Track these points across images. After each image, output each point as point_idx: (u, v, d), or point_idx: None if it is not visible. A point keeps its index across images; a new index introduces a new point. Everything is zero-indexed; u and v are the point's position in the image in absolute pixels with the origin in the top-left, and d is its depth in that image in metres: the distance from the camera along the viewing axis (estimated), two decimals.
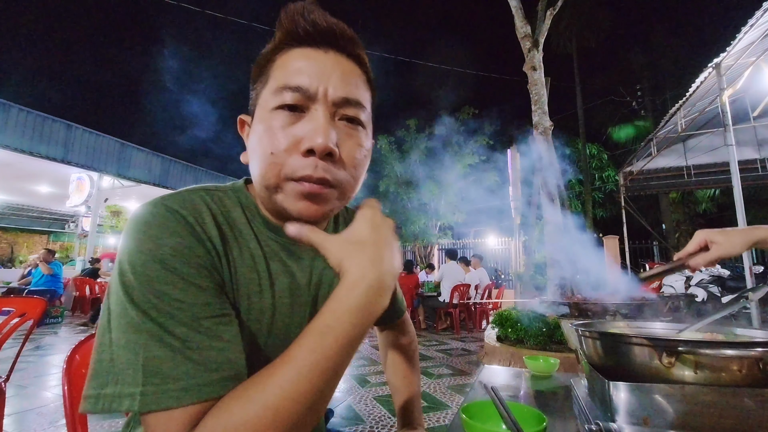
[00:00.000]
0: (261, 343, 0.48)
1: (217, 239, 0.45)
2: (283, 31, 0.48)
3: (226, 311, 0.42)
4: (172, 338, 0.37)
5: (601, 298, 2.18)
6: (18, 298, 1.72)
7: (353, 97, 0.47)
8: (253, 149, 0.48)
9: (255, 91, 0.51)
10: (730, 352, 0.50)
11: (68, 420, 0.66)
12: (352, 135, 0.48)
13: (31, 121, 7.67)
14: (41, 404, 2.52)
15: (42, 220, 14.74)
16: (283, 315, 0.51)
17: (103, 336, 0.38)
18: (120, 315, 0.37)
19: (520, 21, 5.26)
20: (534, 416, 0.58)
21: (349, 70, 0.48)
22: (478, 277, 6.28)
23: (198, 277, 0.40)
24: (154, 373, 0.35)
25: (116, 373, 0.36)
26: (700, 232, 0.86)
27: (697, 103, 5.62)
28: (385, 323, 0.86)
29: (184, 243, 0.41)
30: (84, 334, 5.10)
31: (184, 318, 0.38)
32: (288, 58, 0.47)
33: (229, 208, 0.50)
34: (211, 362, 0.37)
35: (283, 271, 0.52)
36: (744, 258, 3.99)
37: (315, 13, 0.47)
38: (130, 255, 0.39)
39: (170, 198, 0.45)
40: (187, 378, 0.36)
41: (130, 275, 0.38)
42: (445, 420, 2.29)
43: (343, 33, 0.48)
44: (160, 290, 0.38)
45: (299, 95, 0.45)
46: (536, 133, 4.89)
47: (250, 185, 0.55)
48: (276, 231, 0.52)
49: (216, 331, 0.39)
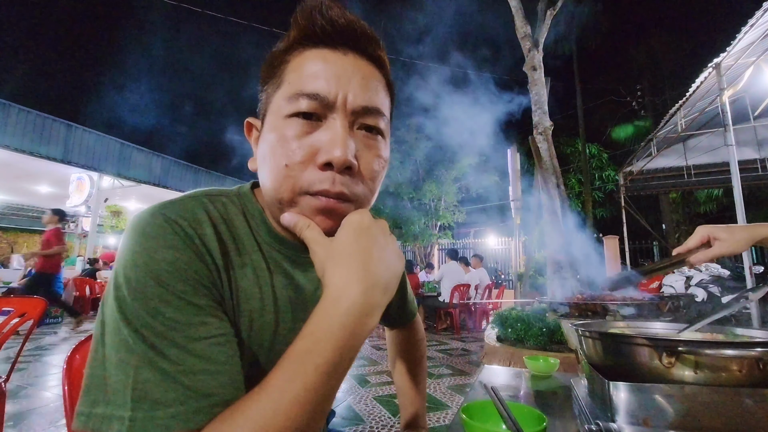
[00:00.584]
0: (262, 361, 0.46)
1: (218, 253, 0.42)
2: (298, 29, 0.44)
3: (224, 330, 0.39)
4: (164, 361, 0.34)
5: (602, 297, 2.18)
6: (18, 298, 1.72)
7: (373, 105, 0.44)
8: (264, 158, 0.45)
9: (265, 93, 0.47)
10: (730, 352, 0.50)
11: (68, 420, 0.66)
12: (370, 146, 0.45)
13: (31, 121, 7.67)
14: (41, 404, 2.51)
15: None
16: (286, 331, 0.48)
17: (97, 350, 0.36)
18: (113, 331, 0.36)
19: (520, 21, 5.25)
20: (534, 416, 0.58)
21: (369, 75, 0.45)
22: (478, 277, 6.29)
23: (194, 294, 0.38)
24: (143, 397, 0.33)
25: (107, 393, 0.34)
26: (702, 227, 0.83)
27: (697, 103, 5.62)
28: (396, 325, 0.83)
29: (182, 257, 0.38)
30: (84, 334, 5.10)
31: (177, 339, 0.35)
32: (303, 59, 0.44)
33: (232, 216, 0.47)
34: (203, 387, 0.35)
35: (287, 284, 0.49)
36: (744, 258, 3.99)
37: (334, 9, 0.43)
38: (125, 268, 0.37)
39: (170, 206, 0.42)
40: (176, 405, 0.34)
41: (124, 290, 0.36)
42: (445, 420, 2.29)
43: (363, 32, 0.45)
44: (155, 308, 0.36)
45: (316, 103, 0.42)
46: (536, 133, 4.89)
47: (256, 190, 0.52)
48: (281, 241, 0.49)
49: (211, 352, 0.37)
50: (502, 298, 6.76)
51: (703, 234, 0.82)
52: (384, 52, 0.48)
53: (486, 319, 6.21)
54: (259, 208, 0.49)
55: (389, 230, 0.44)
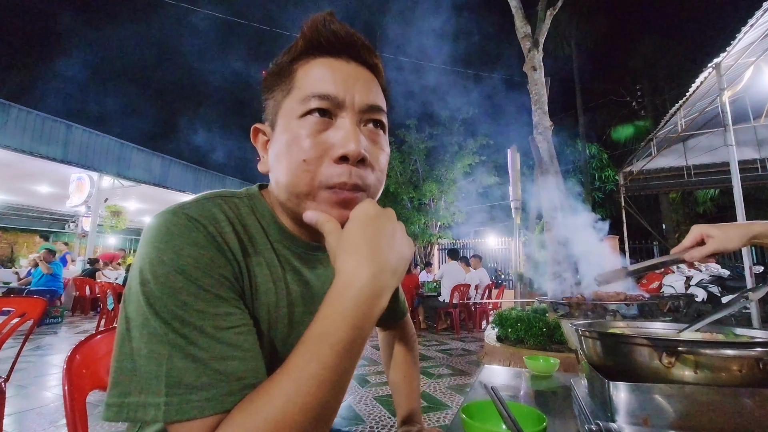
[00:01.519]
0: (279, 350, 0.49)
1: (237, 249, 0.45)
2: (306, 41, 0.49)
3: (246, 321, 0.42)
4: (195, 349, 0.37)
5: (602, 297, 2.18)
6: (18, 298, 1.72)
7: (376, 103, 0.49)
8: (279, 157, 0.48)
9: (273, 101, 0.51)
10: (730, 352, 0.50)
11: (68, 420, 0.66)
12: (376, 141, 0.50)
13: (31, 121, 7.67)
14: (41, 404, 2.51)
15: (42, 220, 14.72)
16: (297, 323, 0.51)
17: (123, 345, 0.38)
18: (142, 325, 0.38)
19: (520, 21, 5.26)
20: (534, 416, 0.58)
21: (369, 79, 0.50)
22: (479, 277, 6.28)
23: (220, 287, 0.41)
24: (178, 383, 0.36)
25: (139, 382, 0.36)
26: (696, 226, 0.86)
27: (697, 103, 5.62)
28: (386, 325, 0.87)
29: (206, 253, 0.41)
30: (84, 334, 5.10)
31: (206, 328, 0.38)
32: (311, 67, 0.49)
33: (245, 216, 0.50)
34: (233, 372, 0.38)
35: (297, 280, 0.52)
36: (744, 258, 3.99)
37: (335, 24, 0.49)
38: (152, 265, 0.39)
39: (190, 206, 0.45)
40: (210, 388, 0.36)
41: (152, 285, 0.38)
42: (445, 420, 2.29)
43: (362, 43, 0.50)
44: (183, 301, 0.38)
45: (328, 102, 0.46)
46: (536, 133, 4.89)
47: (264, 191, 0.55)
48: (292, 239, 0.52)
49: (237, 340, 0.39)
50: (502, 298, 6.76)
51: (697, 233, 0.85)
52: (380, 60, 0.53)
53: (486, 319, 6.21)
54: (269, 209, 0.52)
55: (396, 217, 0.47)
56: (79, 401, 0.69)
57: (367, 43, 0.51)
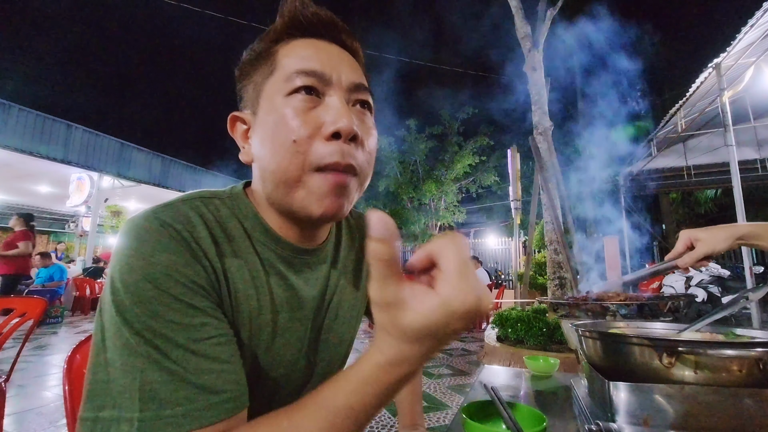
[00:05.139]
0: (261, 360, 0.47)
1: (214, 255, 0.42)
2: (285, 21, 0.48)
3: (223, 330, 0.40)
4: (168, 362, 0.35)
5: (602, 297, 2.18)
6: (18, 298, 1.72)
7: (362, 82, 0.48)
8: (264, 142, 0.45)
9: (252, 85, 0.48)
10: (730, 352, 0.50)
11: (68, 420, 0.66)
12: (364, 120, 0.48)
13: (31, 121, 7.66)
14: (41, 404, 2.52)
15: (42, 220, 14.72)
16: (282, 330, 0.48)
17: (98, 355, 0.36)
18: (115, 335, 0.35)
19: (520, 21, 5.26)
20: (534, 416, 0.58)
21: (352, 61, 0.49)
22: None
23: (193, 296, 0.38)
24: (152, 398, 0.34)
25: (113, 396, 0.34)
26: (684, 231, 0.88)
27: (697, 103, 5.62)
28: None
29: (178, 261, 0.39)
30: (84, 334, 5.10)
31: (179, 340, 0.36)
32: (293, 46, 0.47)
33: (225, 218, 0.47)
34: (211, 385, 0.36)
35: (282, 284, 0.49)
36: (744, 258, 3.99)
37: (313, 6, 0.48)
38: (122, 273, 0.37)
39: (163, 210, 0.42)
40: (186, 403, 0.34)
41: (122, 294, 0.36)
42: (445, 420, 2.29)
43: (342, 26, 0.49)
44: (154, 311, 0.36)
45: (315, 79, 0.44)
46: (536, 133, 4.89)
47: (248, 189, 0.52)
48: (277, 242, 0.49)
49: (214, 352, 0.37)
50: (502, 298, 6.76)
51: (686, 238, 0.87)
52: (359, 44, 0.51)
53: (486, 319, 6.21)
54: (253, 208, 0.49)
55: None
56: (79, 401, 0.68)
57: (346, 27, 0.50)
